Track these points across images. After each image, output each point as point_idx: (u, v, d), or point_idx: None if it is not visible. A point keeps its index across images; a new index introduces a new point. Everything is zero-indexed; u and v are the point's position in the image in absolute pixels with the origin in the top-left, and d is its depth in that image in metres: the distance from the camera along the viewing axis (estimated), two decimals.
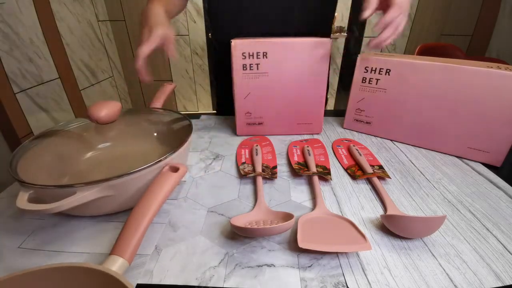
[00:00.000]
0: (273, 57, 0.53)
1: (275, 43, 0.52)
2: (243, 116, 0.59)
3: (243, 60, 0.53)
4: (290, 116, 0.59)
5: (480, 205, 0.39)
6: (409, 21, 1.94)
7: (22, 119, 1.20)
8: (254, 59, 0.53)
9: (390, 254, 0.32)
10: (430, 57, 0.52)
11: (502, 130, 0.46)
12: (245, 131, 0.61)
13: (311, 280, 0.29)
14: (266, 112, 0.59)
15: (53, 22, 1.39)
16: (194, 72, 2.09)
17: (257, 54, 0.53)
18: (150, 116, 0.54)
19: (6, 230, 0.36)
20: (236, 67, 0.54)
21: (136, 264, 0.30)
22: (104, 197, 0.33)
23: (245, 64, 0.54)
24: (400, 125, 0.55)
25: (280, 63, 0.53)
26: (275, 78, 0.55)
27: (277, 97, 0.57)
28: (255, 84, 0.55)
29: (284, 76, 0.55)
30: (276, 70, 0.54)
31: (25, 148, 0.39)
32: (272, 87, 0.56)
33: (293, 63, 0.53)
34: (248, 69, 0.54)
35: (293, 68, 0.54)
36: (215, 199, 0.41)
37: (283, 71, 0.54)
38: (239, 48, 0.52)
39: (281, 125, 0.60)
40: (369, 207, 0.39)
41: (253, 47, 0.52)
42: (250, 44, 0.52)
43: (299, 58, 0.53)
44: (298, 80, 0.55)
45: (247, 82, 0.55)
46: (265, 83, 0.55)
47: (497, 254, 0.31)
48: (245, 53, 0.53)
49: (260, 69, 0.54)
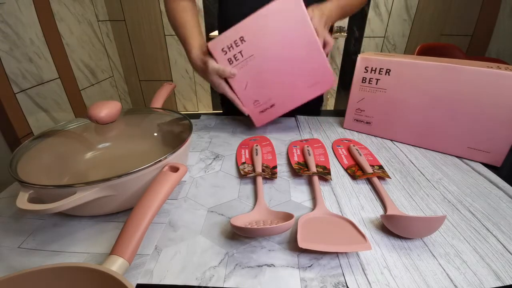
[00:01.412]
0: (251, 39, 0.52)
1: (245, 25, 0.51)
2: (253, 107, 0.58)
3: (225, 55, 0.53)
4: (296, 85, 0.56)
5: (480, 205, 0.39)
6: (409, 21, 1.94)
7: (22, 119, 1.20)
8: (234, 49, 0.52)
9: (390, 254, 0.32)
10: (430, 57, 0.52)
11: (502, 130, 0.46)
12: (262, 119, 0.59)
13: (311, 280, 0.29)
14: (272, 93, 0.57)
15: (53, 22, 1.39)
16: (194, 72, 2.09)
17: (235, 43, 0.52)
18: (150, 116, 0.54)
19: (6, 230, 0.36)
20: (223, 63, 0.53)
21: (136, 264, 0.30)
22: (104, 197, 0.33)
23: (229, 58, 0.53)
24: (400, 125, 0.56)
25: (259, 40, 0.52)
26: (262, 57, 0.53)
27: (275, 74, 0.55)
28: (248, 72, 0.54)
29: (271, 52, 0.53)
30: (260, 50, 0.53)
31: (25, 148, 0.39)
32: (264, 67, 0.54)
33: (271, 36, 0.52)
34: (234, 60, 0.53)
35: (275, 40, 0.52)
36: (215, 199, 0.41)
37: (267, 47, 0.53)
38: (217, 48, 0.52)
39: (292, 97, 0.57)
40: (369, 207, 0.39)
41: (228, 39, 0.52)
42: (223, 39, 0.51)
43: (275, 28, 0.51)
44: (287, 48, 0.53)
45: (241, 74, 0.54)
46: (256, 68, 0.54)
47: (497, 254, 0.31)
48: (224, 49, 0.52)
49: (244, 55, 0.53)
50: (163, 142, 0.48)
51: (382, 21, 1.95)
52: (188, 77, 2.11)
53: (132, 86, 2.14)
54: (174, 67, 2.07)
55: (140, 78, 2.11)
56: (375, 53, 0.57)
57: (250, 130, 0.63)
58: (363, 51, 2.05)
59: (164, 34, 1.95)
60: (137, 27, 1.94)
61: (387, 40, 2.02)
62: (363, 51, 2.05)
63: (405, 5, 1.89)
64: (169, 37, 1.97)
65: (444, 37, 1.94)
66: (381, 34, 2.00)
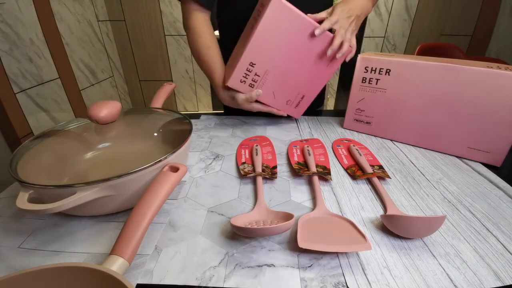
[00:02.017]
0: (258, 60, 0.54)
1: (248, 52, 0.53)
2: (287, 107, 0.63)
3: (244, 84, 0.57)
4: (315, 71, 0.58)
5: (480, 205, 0.39)
6: (409, 21, 1.94)
7: (22, 119, 1.20)
8: (249, 75, 0.56)
9: (390, 254, 0.32)
10: (430, 57, 0.52)
11: (502, 130, 0.46)
12: (299, 111, 0.64)
13: (311, 280, 0.29)
14: (298, 88, 0.60)
15: (53, 22, 1.39)
16: (194, 72, 2.09)
17: (248, 70, 0.55)
18: (150, 116, 0.54)
19: (6, 230, 0.36)
20: (247, 90, 0.58)
21: (136, 264, 0.30)
22: (104, 197, 0.33)
23: (250, 83, 0.57)
24: (400, 125, 0.56)
25: (266, 56, 0.54)
26: (276, 67, 0.56)
27: (293, 73, 0.58)
28: (270, 84, 0.58)
29: (281, 58, 0.55)
30: (270, 63, 0.55)
31: (25, 148, 0.39)
32: (281, 73, 0.57)
33: (275, 46, 0.54)
34: (254, 83, 0.57)
35: (279, 47, 0.54)
36: (215, 199, 0.41)
37: (276, 57, 0.55)
38: (235, 83, 0.57)
39: (316, 82, 0.60)
40: (369, 207, 0.39)
41: (240, 71, 0.55)
42: (236, 73, 0.55)
43: (274, 38, 0.53)
44: (294, 46, 0.54)
45: (265, 90, 0.58)
46: (275, 77, 0.57)
47: (497, 254, 0.31)
48: (241, 80, 0.56)
49: (260, 74, 0.56)
50: (163, 142, 0.48)
51: (382, 21, 1.95)
52: (188, 77, 2.11)
53: (132, 86, 2.14)
54: (174, 67, 2.07)
55: (140, 78, 2.11)
56: (375, 53, 0.57)
57: (250, 130, 0.63)
58: (363, 51, 2.05)
59: (164, 34, 1.95)
60: (137, 27, 1.94)
61: (387, 40, 2.01)
62: (363, 51, 2.05)
63: (405, 5, 1.88)
64: (169, 37, 1.96)
65: (444, 37, 1.94)
66: (381, 34, 2.00)
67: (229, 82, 0.56)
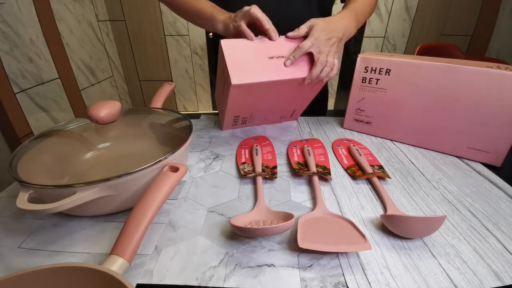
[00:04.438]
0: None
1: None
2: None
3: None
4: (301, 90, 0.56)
5: (480, 205, 0.39)
6: (409, 21, 1.94)
7: (22, 119, 1.20)
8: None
9: (390, 254, 0.32)
10: (430, 57, 0.52)
11: (502, 130, 0.46)
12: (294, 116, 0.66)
13: (311, 280, 0.29)
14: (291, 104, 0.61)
15: (53, 22, 1.39)
16: (194, 72, 2.09)
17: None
18: (150, 116, 0.54)
19: (6, 230, 0.36)
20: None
21: (136, 264, 0.30)
22: (104, 197, 0.33)
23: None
24: (400, 125, 0.55)
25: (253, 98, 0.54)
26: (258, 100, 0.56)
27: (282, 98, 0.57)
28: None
29: (261, 104, 0.57)
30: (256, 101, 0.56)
31: (25, 148, 0.39)
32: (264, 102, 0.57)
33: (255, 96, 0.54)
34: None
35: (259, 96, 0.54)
36: (215, 199, 0.41)
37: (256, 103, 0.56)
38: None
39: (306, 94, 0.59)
40: (369, 207, 0.39)
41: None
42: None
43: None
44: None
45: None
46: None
47: (497, 254, 0.31)
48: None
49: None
50: (163, 142, 0.48)
51: (382, 21, 1.95)
52: (188, 77, 2.11)
53: (132, 86, 2.14)
54: (174, 67, 2.06)
55: (140, 78, 2.10)
56: (375, 53, 0.57)
57: (250, 130, 0.63)
58: (363, 51, 2.05)
59: (164, 34, 1.95)
60: (137, 27, 1.94)
61: (387, 40, 2.01)
62: (363, 51, 2.05)
63: (405, 5, 1.88)
64: (169, 37, 1.96)
65: (444, 37, 1.94)
66: (381, 34, 2.00)
67: (223, 128, 0.63)
